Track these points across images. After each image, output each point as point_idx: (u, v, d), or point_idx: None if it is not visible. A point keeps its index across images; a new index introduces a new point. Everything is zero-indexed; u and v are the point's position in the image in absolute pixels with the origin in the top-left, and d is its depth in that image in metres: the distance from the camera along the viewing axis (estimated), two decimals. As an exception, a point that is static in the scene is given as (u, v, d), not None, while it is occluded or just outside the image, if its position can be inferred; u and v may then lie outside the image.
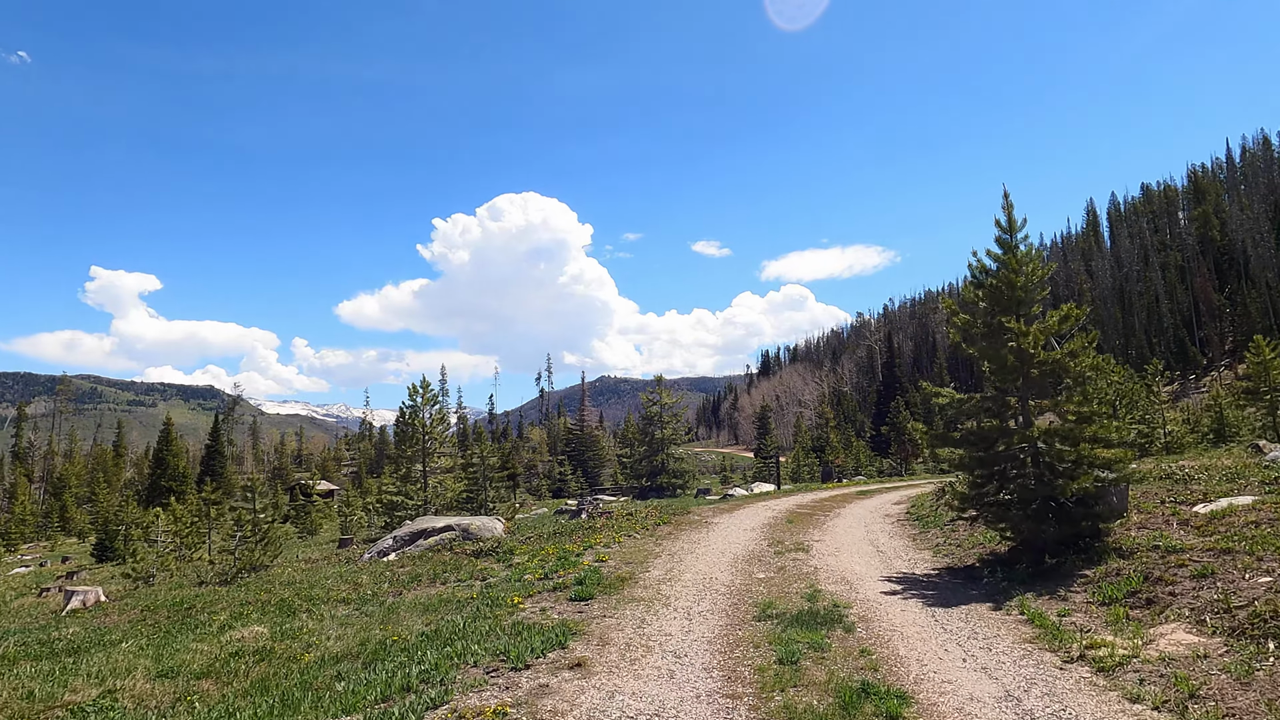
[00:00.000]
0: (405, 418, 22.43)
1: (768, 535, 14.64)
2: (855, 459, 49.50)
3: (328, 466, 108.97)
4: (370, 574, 12.82)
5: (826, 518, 17.94)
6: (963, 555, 11.91)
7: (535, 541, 14.50)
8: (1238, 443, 27.41)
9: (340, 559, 16.18)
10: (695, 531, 15.32)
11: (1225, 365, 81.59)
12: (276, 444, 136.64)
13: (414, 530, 15.31)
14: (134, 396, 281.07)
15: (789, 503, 22.26)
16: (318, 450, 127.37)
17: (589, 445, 62.97)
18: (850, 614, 8.45)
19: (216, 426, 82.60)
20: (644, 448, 37.05)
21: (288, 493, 62.61)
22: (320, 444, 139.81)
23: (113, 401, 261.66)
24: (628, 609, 8.79)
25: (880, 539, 14.31)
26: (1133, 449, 11.58)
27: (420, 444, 22.51)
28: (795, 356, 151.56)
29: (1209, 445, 28.32)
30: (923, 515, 16.92)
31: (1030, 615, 8.14)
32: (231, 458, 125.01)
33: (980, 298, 11.02)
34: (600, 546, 13.26)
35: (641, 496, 35.74)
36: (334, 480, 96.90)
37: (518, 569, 11.93)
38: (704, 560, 11.95)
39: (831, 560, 11.89)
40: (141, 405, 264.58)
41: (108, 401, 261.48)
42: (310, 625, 9.51)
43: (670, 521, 16.54)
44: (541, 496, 58.82)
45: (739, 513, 19.11)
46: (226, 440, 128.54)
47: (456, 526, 15.25)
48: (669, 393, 37.97)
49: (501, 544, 14.13)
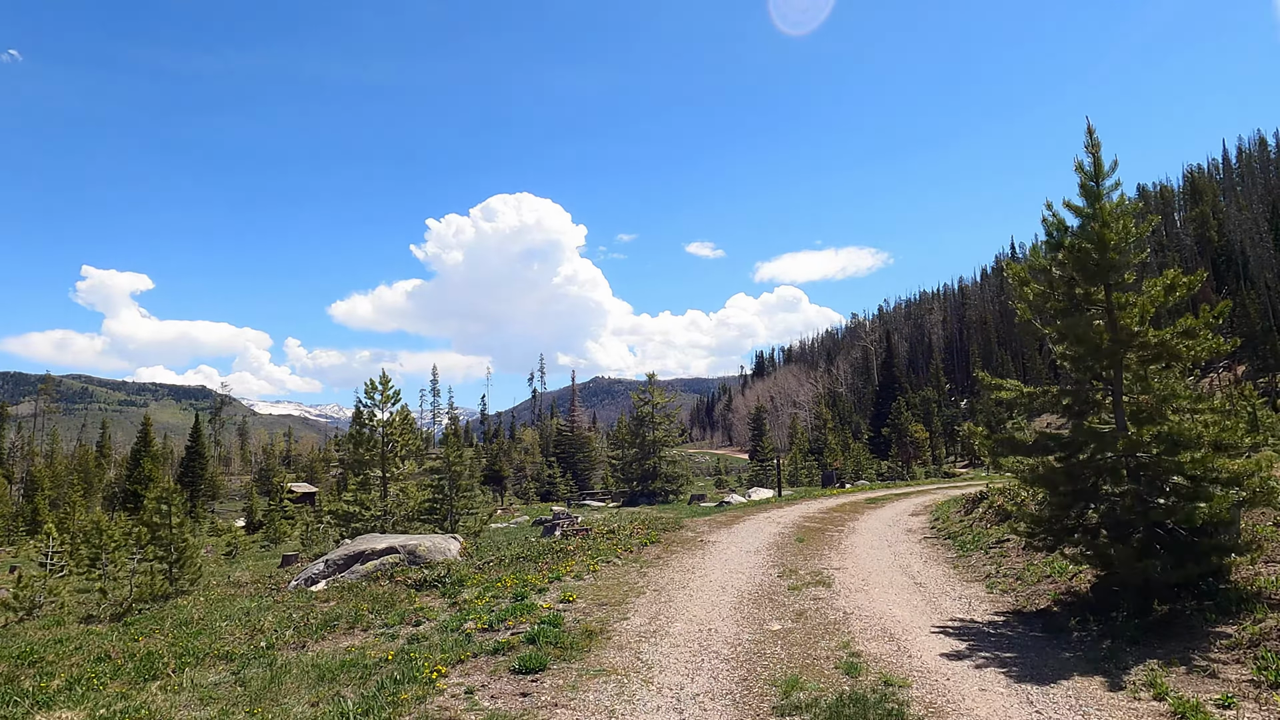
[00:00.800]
0: (362, 418, 19.67)
1: (776, 560, 11.96)
2: (855, 462, 46.91)
3: (315, 468, 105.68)
4: (279, 613, 10.07)
5: (840, 534, 15.28)
6: (1029, 593, 9.24)
7: (494, 568, 11.78)
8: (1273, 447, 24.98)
9: (267, 585, 13.41)
10: (689, 554, 12.63)
11: (1224, 366, 79.53)
12: (265, 445, 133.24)
13: (351, 553, 12.56)
14: (125, 397, 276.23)
15: (794, 513, 19.61)
16: (306, 451, 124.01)
17: (579, 447, 60.13)
18: (912, 701, 5.76)
19: (197, 427, 79.39)
20: (635, 450, 34.34)
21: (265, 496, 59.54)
22: (310, 445, 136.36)
23: (104, 402, 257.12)
24: (591, 691, 6.08)
25: (913, 564, 11.65)
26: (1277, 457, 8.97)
27: (379, 447, 19.74)
28: (790, 358, 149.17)
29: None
30: (954, 532, 14.29)
31: (1178, 707, 5.47)
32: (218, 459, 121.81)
33: (1058, 262, 8.41)
34: (570, 578, 10.55)
35: (631, 502, 33.03)
36: (320, 482, 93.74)
37: (461, 610, 9.22)
38: (700, 601, 9.26)
39: (862, 599, 9.22)
40: (133, 405, 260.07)
41: (98, 402, 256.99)
42: (157, 705, 6.77)
43: (659, 540, 13.84)
44: (529, 500, 55.99)
45: (739, 527, 16.44)
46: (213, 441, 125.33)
47: (401, 548, 12.49)
48: (661, 392, 35.28)
49: (453, 571, 11.40)
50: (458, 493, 18.64)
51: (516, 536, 18.45)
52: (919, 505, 22.73)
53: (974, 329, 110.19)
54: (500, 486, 61.16)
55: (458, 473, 18.70)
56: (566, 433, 63.79)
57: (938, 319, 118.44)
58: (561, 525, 14.98)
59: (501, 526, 25.92)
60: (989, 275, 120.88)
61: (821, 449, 57.31)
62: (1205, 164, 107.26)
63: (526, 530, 21.95)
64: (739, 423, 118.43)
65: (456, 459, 18.89)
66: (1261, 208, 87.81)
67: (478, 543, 14.21)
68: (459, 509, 18.72)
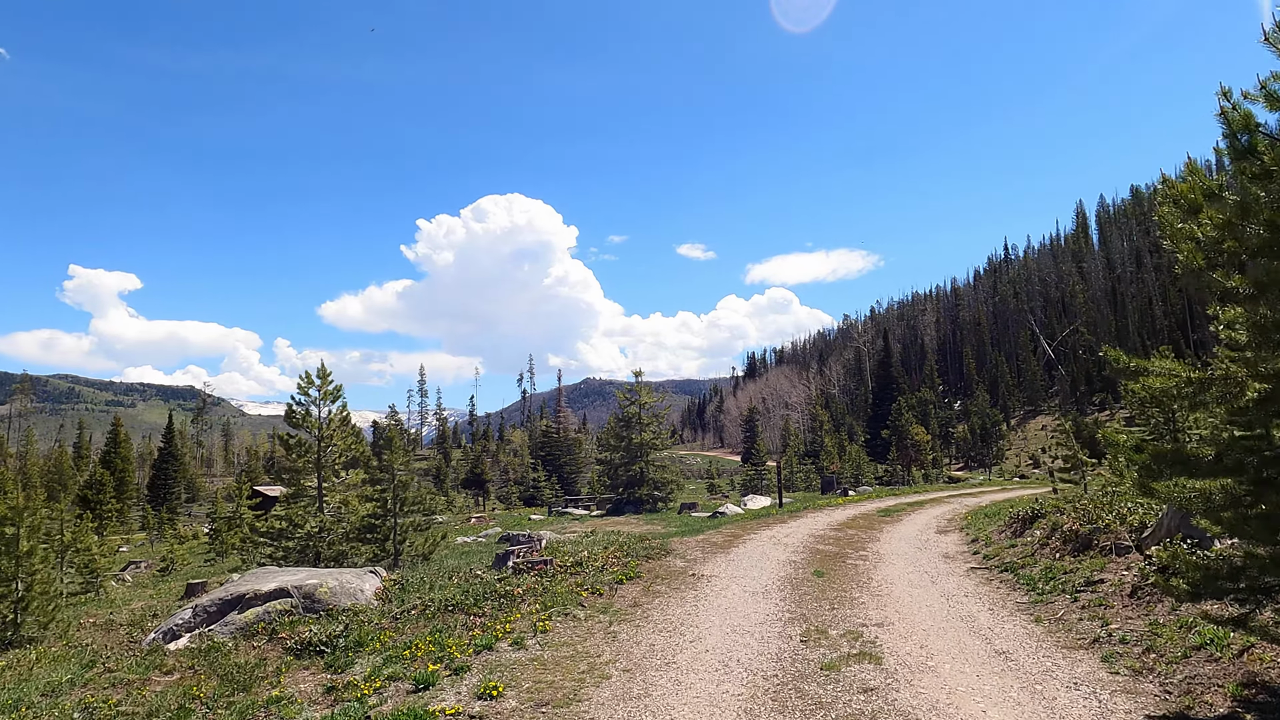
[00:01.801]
0: (295, 416, 16.40)
1: (794, 608, 8.82)
2: (854, 466, 43.88)
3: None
4: (95, 695, 6.84)
5: (864, 561, 12.15)
6: (1184, 680, 6.11)
7: (412, 621, 8.57)
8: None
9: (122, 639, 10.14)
10: (677, 598, 9.46)
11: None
12: (249, 445, 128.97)
13: (230, 596, 9.32)
14: (113, 397, 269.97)
15: (800, 531, 16.48)
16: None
17: (566, 449, 56.80)
18: None
19: (171, 427, 75.56)
20: (621, 454, 31.13)
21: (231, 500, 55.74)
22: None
23: (90, 402, 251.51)
24: None
25: (978, 615, 8.53)
26: None
27: (315, 452, 16.48)
28: (781, 359, 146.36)
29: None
30: (1011, 562, 11.17)
31: None
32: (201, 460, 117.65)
33: (1253, 176, 5.36)
34: (507, 644, 7.36)
35: (617, 510, 29.84)
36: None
37: (339, 703, 6.03)
38: (693, 694, 6.07)
39: (934, 689, 6.07)
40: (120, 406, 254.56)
41: (85, 402, 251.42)
42: None
43: (639, 575, 10.66)
44: (512, 505, 52.67)
45: (739, 551, 13.28)
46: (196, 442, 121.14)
47: (296, 590, 9.26)
48: (649, 391, 32.10)
49: (353, 627, 8.20)
50: (402, 507, 15.39)
51: (473, 558, 15.19)
52: (940, 518, 19.68)
53: (967, 330, 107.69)
54: (482, 491, 57.78)
55: (403, 483, 15.45)
56: (553, 434, 60.44)
57: (930, 320, 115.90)
58: (519, 552, 11.75)
59: (468, 541, 22.67)
60: (982, 276, 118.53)
61: (817, 452, 54.27)
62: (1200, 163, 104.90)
63: (492, 547, 18.72)
64: (731, 424, 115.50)
65: (402, 465, 15.65)
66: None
67: (407, 577, 10.99)
68: (404, 527, 15.47)
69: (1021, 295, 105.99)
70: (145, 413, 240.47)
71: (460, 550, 19.16)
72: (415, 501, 15.80)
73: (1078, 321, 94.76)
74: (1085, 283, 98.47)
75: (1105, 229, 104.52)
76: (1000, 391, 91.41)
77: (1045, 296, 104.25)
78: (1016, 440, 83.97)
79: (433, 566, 14.34)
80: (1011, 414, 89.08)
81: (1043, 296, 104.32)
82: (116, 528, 60.39)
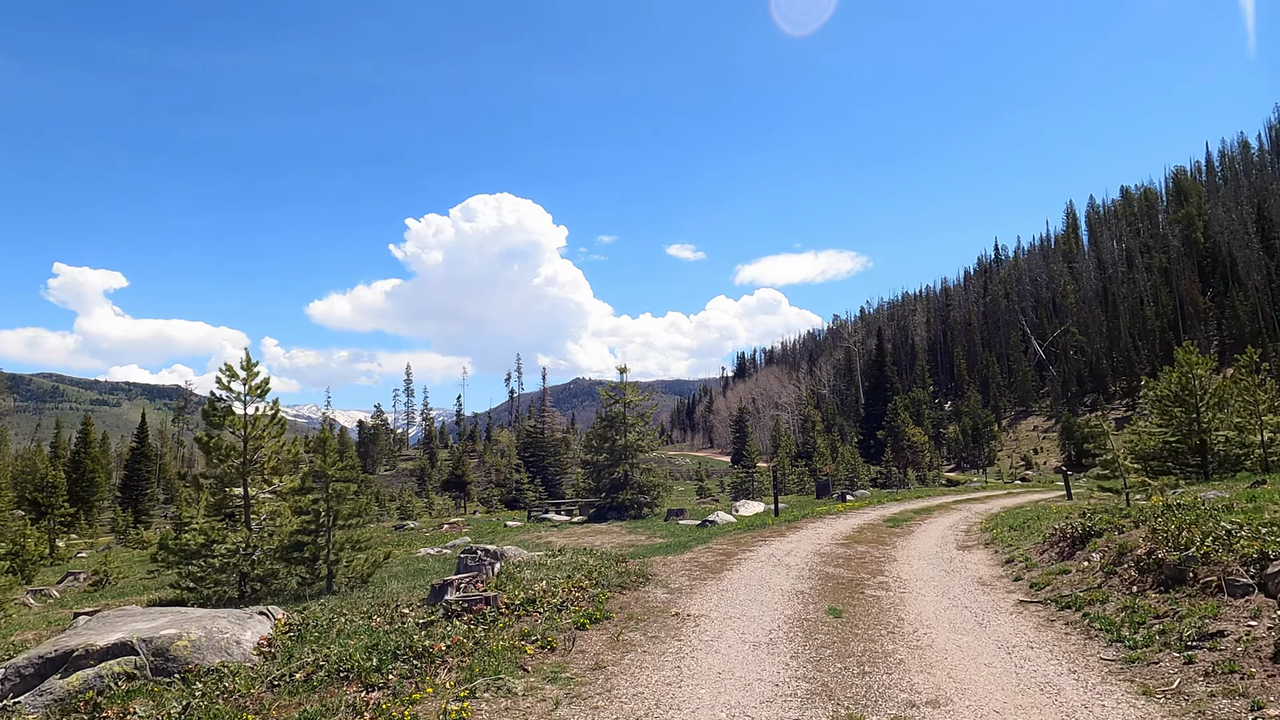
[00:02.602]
0: (215, 413, 13.90)
1: (810, 670, 6.47)
2: (849, 468, 41.67)
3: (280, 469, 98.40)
4: None
5: (888, 593, 9.83)
6: None
7: (289, 694, 6.16)
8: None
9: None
10: (652, 657, 7.09)
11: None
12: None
13: (53, 653, 6.86)
14: (98, 396, 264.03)
15: (803, 547, 14.18)
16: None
17: (550, 451, 54.27)
18: None
19: (143, 426, 72.48)
20: (604, 456, 28.72)
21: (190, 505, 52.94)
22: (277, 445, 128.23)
23: (75, 401, 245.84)
24: None
25: (1060, 684, 6.17)
26: None
27: (240, 455, 14.00)
28: (771, 359, 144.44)
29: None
30: (1073, 598, 8.82)
31: None
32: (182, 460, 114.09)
33: None
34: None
35: (599, 517, 27.46)
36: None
37: None
38: None
39: None
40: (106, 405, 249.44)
41: (70, 401, 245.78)
42: None
43: (608, 614, 8.29)
44: (493, 508, 50.12)
45: (732, 576, 10.94)
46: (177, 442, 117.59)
47: (144, 645, 6.82)
48: (635, 389, 29.71)
49: (196, 709, 5.78)
50: (337, 521, 12.93)
51: (426, 577, 12.73)
52: (954, 530, 17.41)
53: (958, 330, 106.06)
54: (463, 493, 55.16)
55: (338, 492, 12.99)
56: (536, 435, 57.89)
57: (921, 320, 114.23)
58: (459, 583, 9.29)
59: (430, 554, 20.21)
60: (972, 276, 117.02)
61: (810, 453, 52.06)
62: (1189, 165, 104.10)
63: (453, 562, 16.28)
64: (720, 425, 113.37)
65: (340, 471, 13.19)
66: (1248, 209, 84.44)
67: (314, 618, 8.56)
68: (339, 544, 13.00)
69: (1012, 295, 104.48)
70: (130, 412, 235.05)
71: (416, 567, 16.70)
72: (354, 514, 13.33)
73: (1069, 322, 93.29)
74: (1076, 283, 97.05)
75: (1095, 229, 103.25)
76: (991, 392, 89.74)
77: (1036, 297, 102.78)
78: (1008, 441, 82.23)
79: (370, 591, 11.91)
80: (1002, 414, 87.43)
81: (1033, 297, 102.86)
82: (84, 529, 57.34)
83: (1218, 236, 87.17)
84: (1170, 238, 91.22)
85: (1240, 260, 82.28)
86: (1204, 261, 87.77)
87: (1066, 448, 72.09)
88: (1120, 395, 78.96)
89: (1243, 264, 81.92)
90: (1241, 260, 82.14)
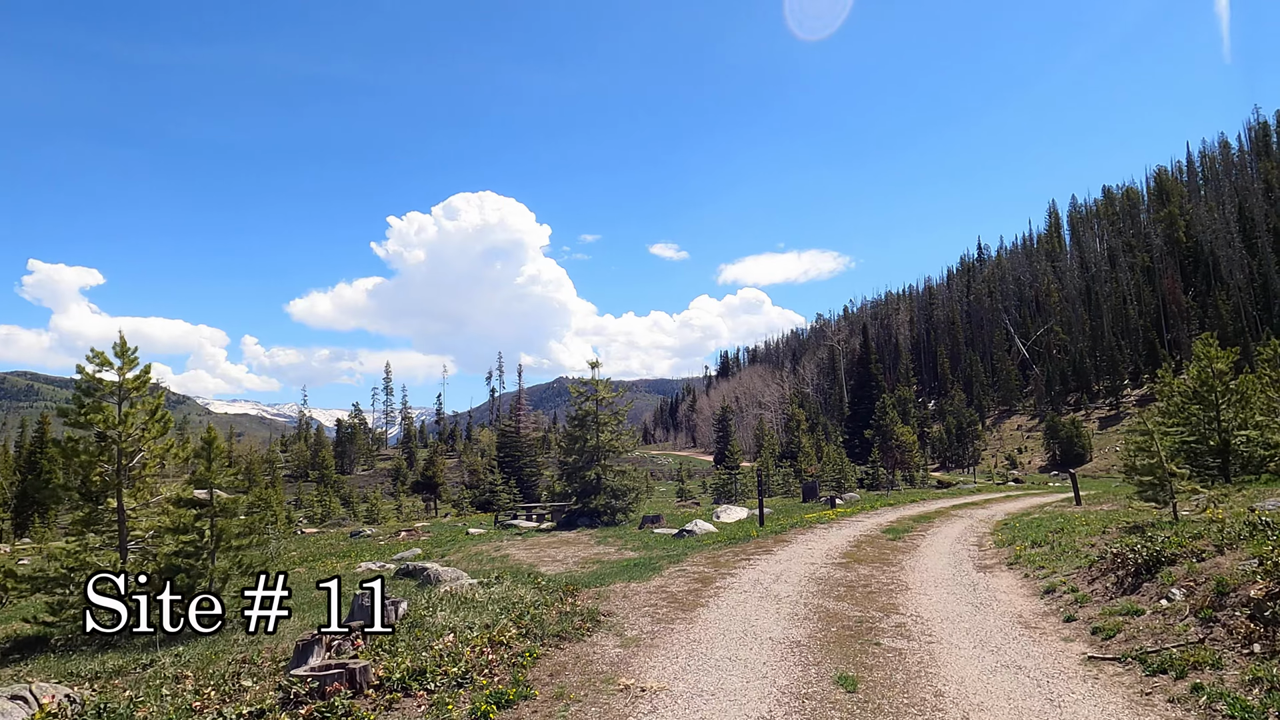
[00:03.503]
0: (82, 410, 11.22)
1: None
2: (835, 469, 39.42)
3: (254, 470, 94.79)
4: None
5: (910, 643, 7.38)
6: None
7: None
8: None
9: None
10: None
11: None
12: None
13: None
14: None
15: (795, 569, 11.74)
16: (246, 452, 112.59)
17: (525, 451, 51.57)
18: None
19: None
20: (574, 457, 26.18)
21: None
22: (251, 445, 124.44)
23: (50, 399, 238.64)
24: None
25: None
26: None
27: (112, 460, 11.34)
28: (754, 358, 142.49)
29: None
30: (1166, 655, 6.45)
31: None
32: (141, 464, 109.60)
33: None
34: None
35: (569, 524, 24.89)
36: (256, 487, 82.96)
37: None
38: None
39: None
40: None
41: (45, 399, 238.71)
42: None
43: (525, 694, 5.76)
44: (464, 511, 47.34)
45: (708, 615, 8.47)
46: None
47: None
48: (607, 385, 27.17)
49: None
50: (221, 544, 10.27)
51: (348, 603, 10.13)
52: (965, 543, 15.01)
53: (942, 329, 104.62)
54: (434, 495, 52.30)
55: (226, 509, 10.35)
56: (511, 435, 55.13)
57: (904, 319, 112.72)
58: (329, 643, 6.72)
59: (373, 569, 17.52)
60: (955, 275, 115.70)
61: (795, 453, 49.83)
62: (1170, 166, 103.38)
63: (392, 582, 13.65)
64: (703, 424, 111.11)
65: (229, 483, 10.55)
66: (1230, 209, 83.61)
67: (106, 703, 6.00)
68: (222, 572, 10.34)
69: (995, 295, 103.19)
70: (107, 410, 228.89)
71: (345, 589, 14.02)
72: (245, 534, 10.68)
73: (1052, 321, 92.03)
74: (1059, 282, 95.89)
75: (1078, 229, 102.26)
76: (975, 391, 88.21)
77: (1019, 296, 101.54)
78: (992, 440, 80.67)
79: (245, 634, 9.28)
80: (986, 414, 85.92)
81: (1017, 296, 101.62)
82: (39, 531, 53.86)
83: (1200, 236, 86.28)
84: (1153, 237, 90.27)
85: (1222, 259, 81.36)
86: (1186, 261, 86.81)
87: (1051, 447, 70.59)
88: (1104, 394, 77.61)
89: (1225, 263, 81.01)
90: (1224, 259, 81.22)
